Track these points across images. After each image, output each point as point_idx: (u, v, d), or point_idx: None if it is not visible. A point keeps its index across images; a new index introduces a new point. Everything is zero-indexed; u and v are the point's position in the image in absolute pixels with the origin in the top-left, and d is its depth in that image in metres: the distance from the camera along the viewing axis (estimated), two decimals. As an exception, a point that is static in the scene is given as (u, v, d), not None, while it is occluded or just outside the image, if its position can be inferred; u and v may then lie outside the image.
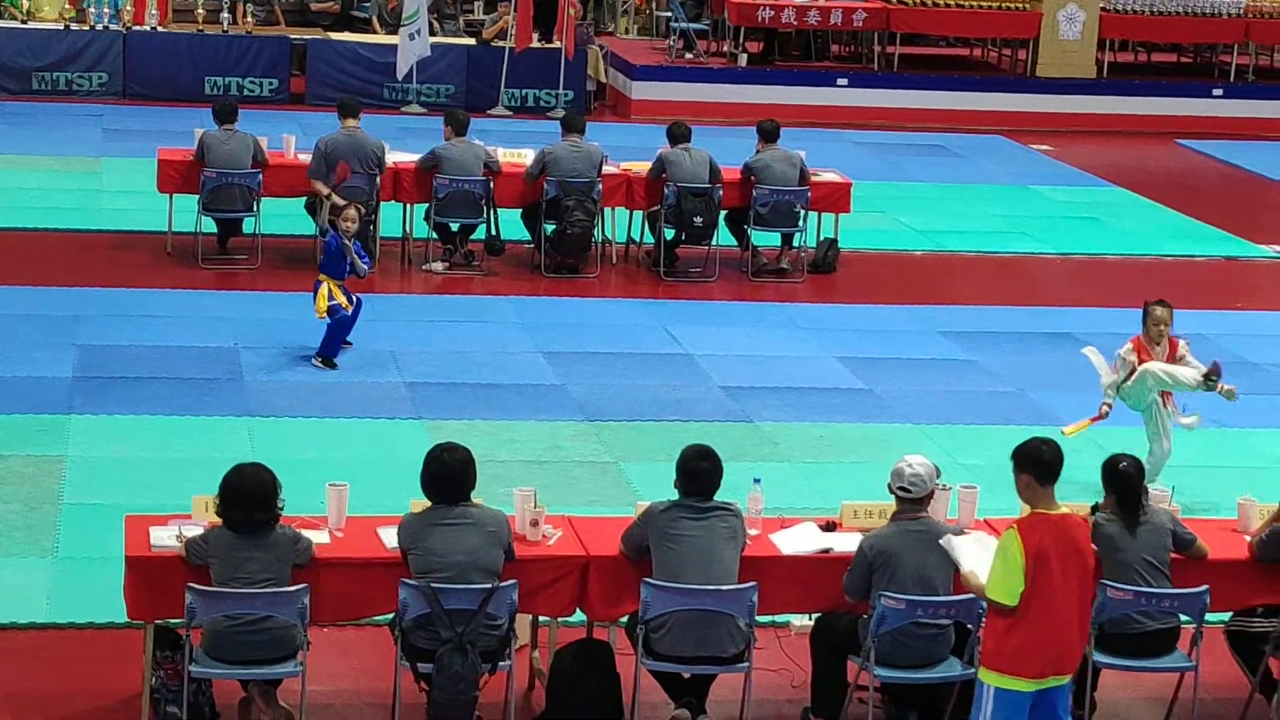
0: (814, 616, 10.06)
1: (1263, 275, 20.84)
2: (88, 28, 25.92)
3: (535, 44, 26.92)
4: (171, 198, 18.28)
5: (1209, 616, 9.73)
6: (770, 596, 9.66)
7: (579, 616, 9.89)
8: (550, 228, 18.49)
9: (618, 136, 24.02)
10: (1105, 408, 13.23)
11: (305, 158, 18.28)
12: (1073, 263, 20.87)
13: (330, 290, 15.31)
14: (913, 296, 18.75)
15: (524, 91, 27.41)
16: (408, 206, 18.71)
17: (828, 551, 9.94)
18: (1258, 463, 14.00)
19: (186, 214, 18.17)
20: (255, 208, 18.08)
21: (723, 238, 18.86)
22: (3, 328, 15.95)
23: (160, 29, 26.29)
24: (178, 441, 13.58)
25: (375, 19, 27.52)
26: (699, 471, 9.60)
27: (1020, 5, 29.61)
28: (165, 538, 9.50)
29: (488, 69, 27.08)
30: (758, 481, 10.35)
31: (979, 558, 9.01)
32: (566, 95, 27.37)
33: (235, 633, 9.21)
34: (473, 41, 27.44)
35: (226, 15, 26.49)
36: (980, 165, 26.02)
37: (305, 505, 10.02)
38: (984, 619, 8.87)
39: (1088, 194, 24.40)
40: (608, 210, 18.88)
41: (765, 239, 19.23)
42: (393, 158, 18.58)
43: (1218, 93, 30.33)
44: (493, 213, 18.32)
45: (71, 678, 10.18)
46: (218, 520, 9.35)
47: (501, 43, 26.78)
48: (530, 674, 10.18)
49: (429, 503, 9.46)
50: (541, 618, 10.10)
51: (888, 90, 29.17)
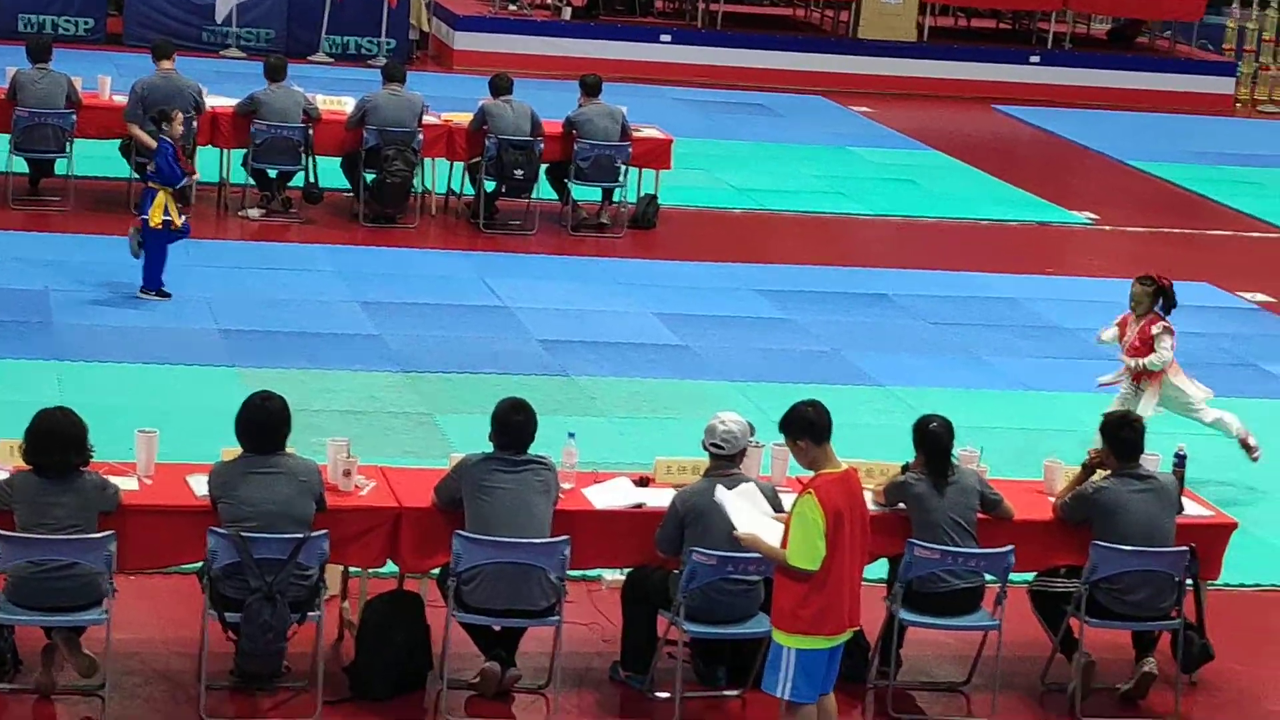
0: (625, 571, 10.08)
1: (1074, 241, 21.16)
2: (-104, -40, 25.36)
3: (358, -9, 26.69)
4: (-19, 137, 17.96)
5: (1013, 576, 9.87)
6: (582, 551, 9.66)
7: (390, 568, 9.85)
8: (370, 177, 18.36)
9: (439, 87, 23.87)
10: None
11: (121, 99, 18.00)
12: (890, 224, 21.06)
13: (167, 203, 15.10)
14: (731, 254, 18.83)
15: (345, 39, 27.17)
16: (225, 152, 18.49)
17: (640, 506, 9.96)
18: (1064, 425, 14.22)
19: (-3, 153, 17.86)
20: (68, 149, 17.78)
21: (543, 191, 18.83)
22: None
23: (-28, -37, 25.78)
24: (-17, 385, 13.36)
25: (195, -40, 27.15)
26: (513, 424, 9.58)
27: (844, -33, 29.78)
28: (-32, 482, 9.33)
29: (309, 15, 26.80)
30: (572, 435, 10.35)
31: (751, 516, 8.99)
32: (388, 44, 27.16)
33: (40, 579, 9.06)
34: (295, -14, 27.15)
35: (42, -49, 26.03)
36: (801, 125, 26.17)
37: (114, 452, 9.88)
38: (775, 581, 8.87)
39: (906, 156, 24.64)
40: (428, 161, 18.77)
41: (586, 193, 19.22)
42: (211, 102, 18.34)
43: (1035, 59, 30.72)
44: (311, 160, 18.15)
45: None
46: (23, 465, 9.20)
47: (324, -12, 26.52)
48: (340, 625, 10.13)
49: (240, 451, 9.37)
50: (352, 568, 10.05)
51: (711, 48, 29.25)
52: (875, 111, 27.74)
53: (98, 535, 9.08)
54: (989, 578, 9.91)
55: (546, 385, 14.30)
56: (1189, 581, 10.04)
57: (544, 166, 18.71)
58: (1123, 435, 10.08)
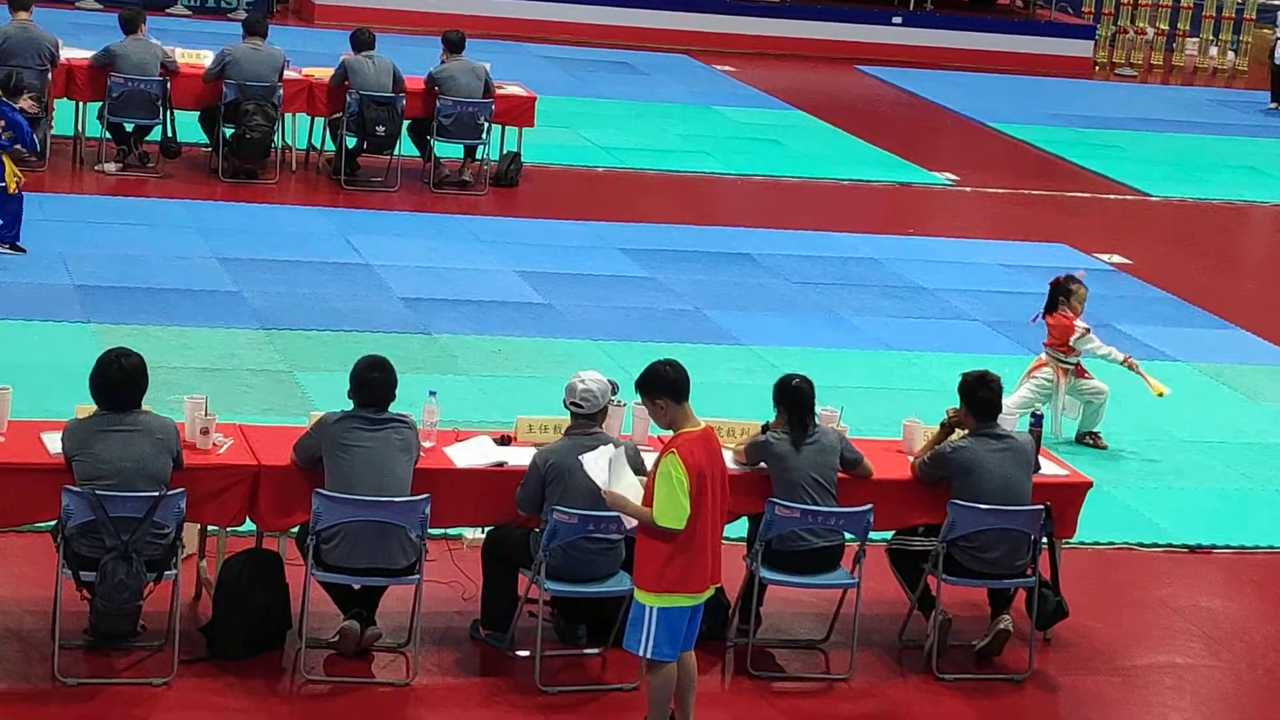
0: (486, 530, 10.07)
1: (935, 201, 21.31)
2: None
3: (218, -57, 26.40)
4: None
5: (872, 535, 9.94)
6: (443, 509, 9.64)
7: (248, 526, 9.78)
8: (229, 131, 18.17)
9: (301, 41, 23.69)
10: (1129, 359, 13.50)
11: (-26, 50, 17.70)
12: (753, 184, 21.12)
13: (9, 166, 14.96)
14: (594, 213, 18.82)
15: (206, -9, 26.86)
16: (81, 105, 18.24)
17: (502, 465, 9.94)
18: (923, 385, 14.32)
19: None
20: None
21: (405, 148, 18.71)
22: None
23: None
24: None
25: (52, -90, 26.73)
26: (371, 382, 9.52)
27: (708, -74, 29.77)
28: None
29: (168, -33, 26.46)
30: (433, 394, 10.31)
31: (616, 477, 8.97)
32: (249, -3, 26.88)
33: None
34: (153, -62, 26.80)
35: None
36: (665, 84, 26.18)
37: (-34, 409, 9.73)
38: (636, 540, 8.87)
39: (769, 116, 24.71)
40: (288, 116, 18.61)
41: (448, 150, 19.13)
42: (66, 54, 18.08)
43: (897, 21, 30.90)
44: (169, 114, 17.94)
45: None
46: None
47: (183, -60, 26.21)
48: (197, 583, 10.04)
49: (96, 408, 9.25)
50: (210, 527, 9.96)
51: (576, 5, 29.20)
52: (739, 71, 27.80)
53: (-51, 493, 8.95)
54: (848, 536, 9.97)
55: (408, 343, 14.23)
56: (1044, 540, 10.15)
57: (406, 123, 18.60)
58: (980, 395, 10.16)
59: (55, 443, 9.32)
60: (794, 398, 9.92)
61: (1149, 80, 31.90)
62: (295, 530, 9.66)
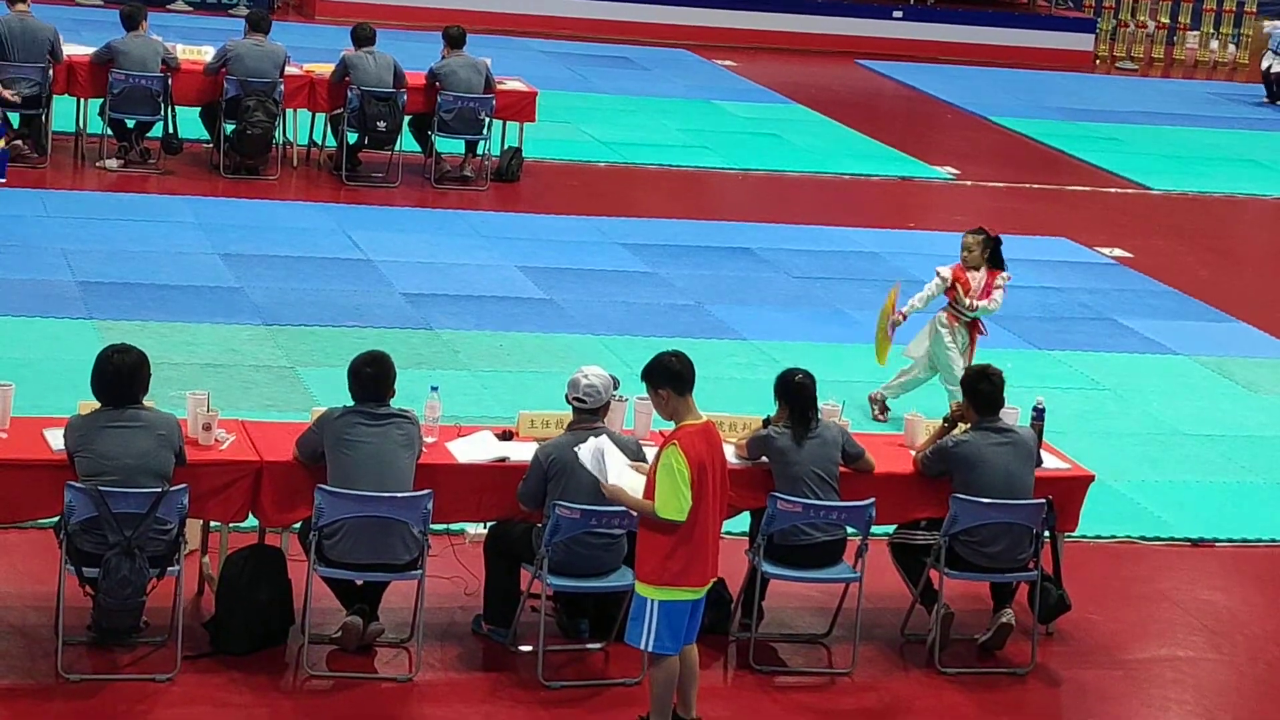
0: (488, 525, 10.07)
1: (935, 195, 21.32)
2: None
3: (219, -61, 26.40)
4: None
5: (874, 529, 9.95)
6: (445, 504, 9.65)
7: (251, 522, 9.78)
8: (230, 128, 18.17)
9: (302, 37, 23.69)
10: (900, 316, 13.38)
11: (-26, 45, 17.72)
12: (753, 178, 21.12)
13: None
14: (595, 208, 18.82)
15: (206, -13, 26.86)
16: (82, 101, 18.24)
17: (504, 460, 9.95)
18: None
19: None
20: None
21: (406, 143, 18.72)
22: None
23: None
24: None
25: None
26: (367, 377, 9.52)
27: (709, -80, 29.76)
28: None
29: (169, -38, 26.47)
30: (435, 389, 10.31)
31: (616, 470, 8.97)
32: (250, -7, 26.88)
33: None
34: (154, -66, 26.80)
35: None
36: (665, 79, 26.18)
37: (-32, 405, 9.74)
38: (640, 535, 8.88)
39: (770, 111, 24.71)
40: (290, 112, 18.61)
41: (449, 145, 19.13)
42: (67, 51, 18.08)
43: (898, 15, 30.90)
44: (170, 110, 17.94)
45: None
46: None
47: (184, -64, 26.21)
48: (200, 579, 10.05)
49: (98, 404, 9.26)
50: (212, 523, 9.97)
51: (576, 0, 29.17)
52: (740, 65, 27.80)
53: (-48, 490, 8.96)
54: (850, 530, 9.98)
55: (409, 338, 14.24)
56: (1046, 533, 10.16)
57: (407, 118, 18.60)
58: (980, 388, 10.17)
59: (58, 439, 9.33)
60: (796, 393, 9.92)
61: (1149, 74, 31.90)
62: (298, 526, 9.67)
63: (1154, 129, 26.41)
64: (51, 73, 17.61)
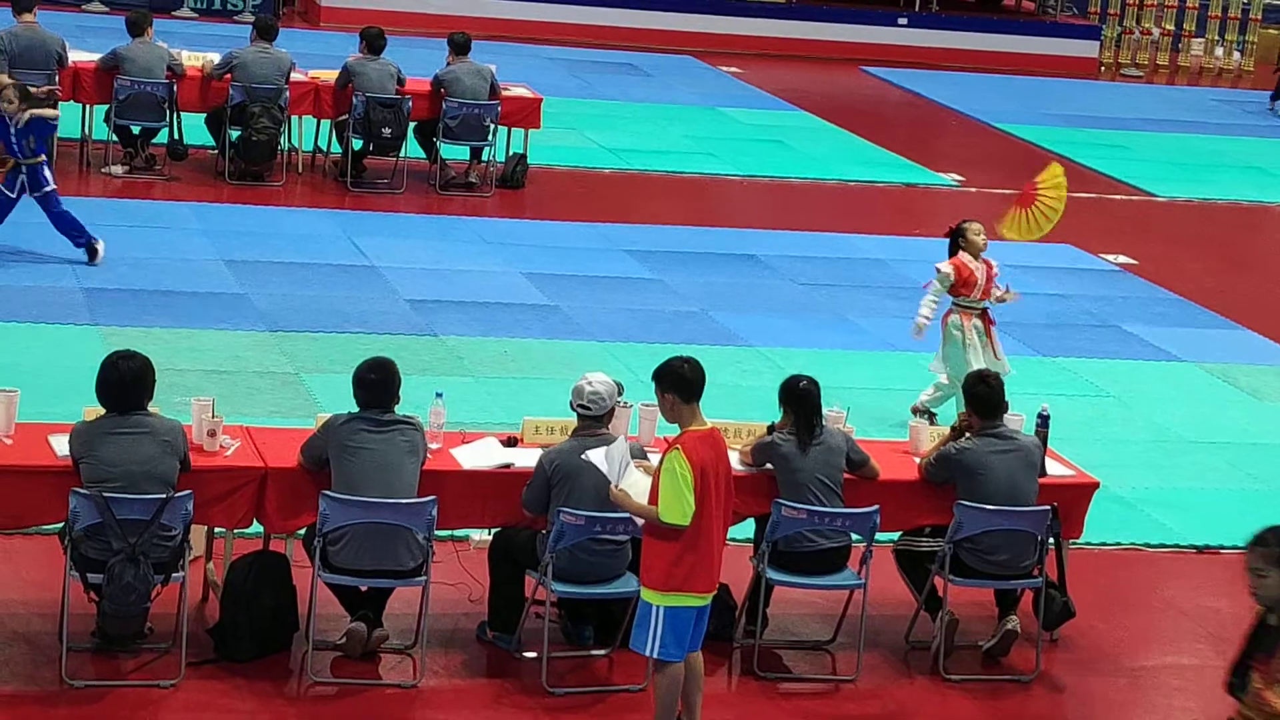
0: (493, 531, 10.07)
1: (940, 202, 21.30)
2: None
3: (224, -55, 26.41)
4: None
5: (879, 536, 9.94)
6: (450, 510, 9.65)
7: (255, 528, 9.79)
8: (235, 134, 18.19)
9: (306, 43, 23.71)
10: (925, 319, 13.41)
11: (-21, 53, 17.74)
12: (758, 185, 21.12)
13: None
14: (600, 214, 18.82)
15: (211, -6, 26.88)
16: (87, 107, 18.26)
17: (508, 466, 9.95)
18: (929, 386, 14.30)
19: None
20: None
21: (411, 150, 18.73)
22: None
23: None
24: None
25: (57, -88, 26.76)
26: (369, 384, 9.52)
27: (714, -73, 29.78)
28: None
29: (174, -31, 26.50)
30: (440, 395, 10.32)
31: (624, 472, 8.96)
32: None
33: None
34: (159, -60, 26.83)
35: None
36: (670, 85, 26.20)
37: (-27, 411, 9.74)
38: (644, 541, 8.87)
39: (775, 117, 24.72)
40: (295, 118, 18.63)
41: (454, 152, 19.14)
42: (73, 57, 18.10)
43: (903, 22, 30.91)
44: (175, 116, 17.96)
45: None
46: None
47: (189, -57, 26.24)
48: (204, 586, 10.05)
49: (103, 411, 9.27)
50: (217, 529, 9.97)
51: (581, 7, 29.22)
52: (745, 72, 27.80)
53: (-43, 496, 8.96)
54: (855, 537, 9.97)
55: (414, 345, 14.25)
56: (1051, 540, 10.15)
57: (412, 125, 18.61)
58: (978, 390, 10.15)
59: (62, 445, 9.33)
60: (801, 400, 9.92)
61: (1154, 80, 31.90)
62: (302, 532, 9.67)
63: (1159, 136, 26.41)
64: (57, 79, 17.62)
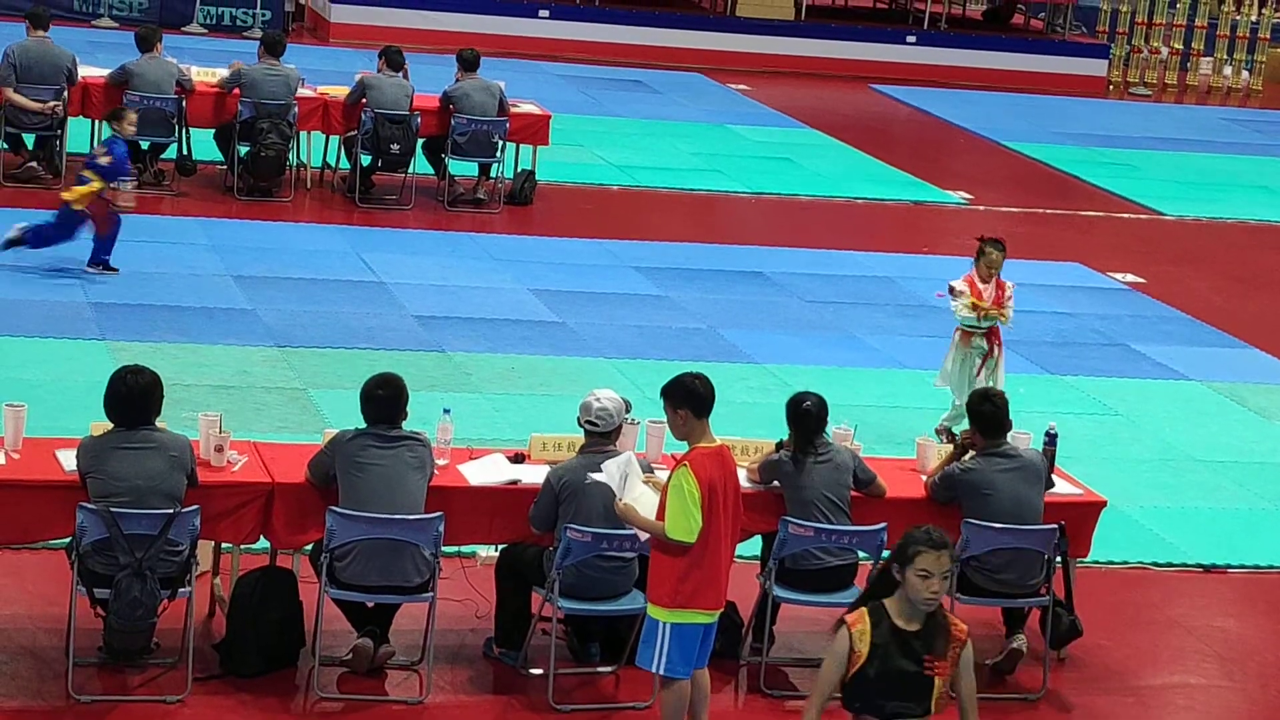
0: (500, 547, 10.07)
1: (948, 220, 21.30)
2: None
3: (233, -39, 26.46)
4: None
5: (885, 553, 9.92)
6: (457, 527, 9.64)
7: (262, 544, 9.79)
8: (244, 150, 18.21)
9: (316, 59, 23.74)
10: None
11: (-11, 69, 17.77)
12: (766, 202, 21.13)
13: (89, 193, 15.18)
14: (608, 231, 18.83)
15: (220, 9, 26.93)
16: (97, 122, 18.28)
17: (515, 483, 9.95)
18: (937, 404, 14.30)
19: None
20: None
21: (419, 166, 18.75)
22: None
23: None
24: None
25: (68, -72, 26.80)
26: (379, 399, 9.53)
27: (722, -55, 29.82)
28: None
29: (184, -15, 26.53)
30: (447, 412, 10.32)
31: (632, 487, 8.95)
32: (264, 15, 26.95)
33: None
34: (169, -44, 26.87)
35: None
36: (679, 103, 26.21)
37: (-18, 426, 9.75)
38: (651, 557, 8.87)
39: (783, 135, 24.73)
40: (303, 134, 18.65)
41: (462, 168, 19.16)
42: (83, 72, 18.14)
43: (911, 39, 30.92)
44: (185, 132, 17.99)
45: None
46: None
47: (199, -42, 26.27)
48: (211, 601, 10.05)
49: (110, 426, 9.27)
50: (224, 544, 9.97)
51: (589, 24, 29.25)
52: (753, 89, 27.82)
53: (-36, 510, 8.97)
54: (862, 555, 9.97)
55: (422, 361, 14.25)
56: (1058, 559, 10.14)
57: (420, 141, 18.63)
58: (983, 410, 10.15)
59: (70, 460, 9.34)
60: (806, 417, 9.92)
61: (1163, 99, 31.89)
62: (309, 548, 9.67)
63: (1167, 155, 26.41)
64: (67, 94, 17.66)
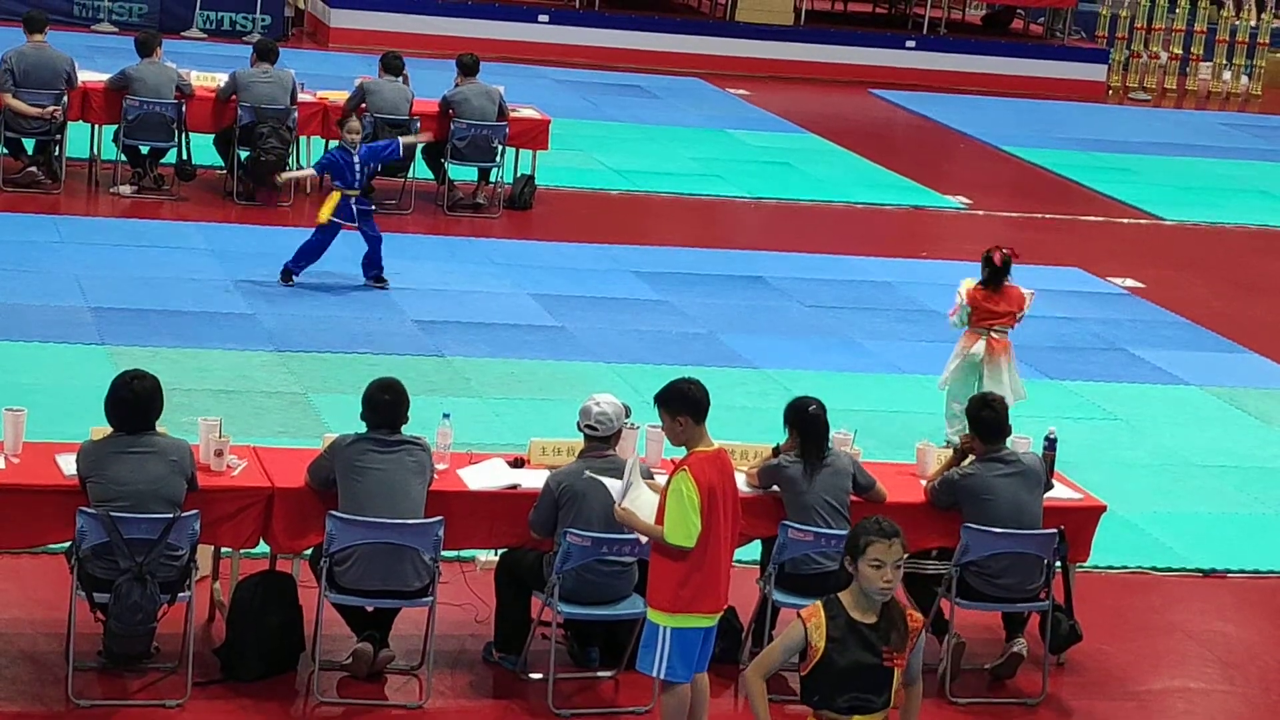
0: (499, 552, 10.07)
1: (948, 225, 21.32)
2: None
3: (233, -34, 26.47)
4: None
5: (885, 557, 9.91)
6: (456, 531, 9.64)
7: (262, 548, 9.79)
8: (244, 154, 18.21)
9: (315, 64, 23.73)
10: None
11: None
12: (766, 207, 21.14)
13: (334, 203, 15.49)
14: (608, 236, 18.84)
15: (220, 14, 26.93)
16: (96, 127, 18.29)
17: (515, 487, 9.95)
18: (937, 408, 14.29)
19: None
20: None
21: (419, 170, 18.75)
22: None
23: None
24: None
25: (67, -67, 26.81)
26: (380, 404, 9.53)
27: (722, -50, 29.82)
28: None
29: (183, -11, 26.55)
30: (447, 416, 10.32)
31: (633, 490, 8.95)
32: (264, 20, 26.95)
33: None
34: (168, -40, 26.88)
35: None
36: (678, 107, 26.22)
37: (-19, 430, 9.76)
38: (651, 562, 8.86)
39: (782, 139, 24.73)
40: (303, 138, 18.65)
41: (462, 173, 19.16)
42: (82, 77, 18.14)
43: (911, 44, 30.93)
44: (184, 137, 17.99)
45: None
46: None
47: (198, -37, 26.29)
48: (211, 605, 10.05)
49: (110, 430, 9.27)
50: (224, 549, 9.97)
51: (589, 29, 29.25)
52: (752, 94, 27.83)
53: (-36, 515, 8.97)
54: (861, 559, 9.94)
55: (421, 365, 14.25)
56: (1058, 564, 10.14)
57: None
58: (983, 415, 10.15)
59: (70, 464, 9.34)
60: (810, 422, 9.91)
61: (1162, 104, 31.91)
62: (309, 552, 9.67)
63: (1167, 160, 26.41)
64: (66, 99, 17.67)
